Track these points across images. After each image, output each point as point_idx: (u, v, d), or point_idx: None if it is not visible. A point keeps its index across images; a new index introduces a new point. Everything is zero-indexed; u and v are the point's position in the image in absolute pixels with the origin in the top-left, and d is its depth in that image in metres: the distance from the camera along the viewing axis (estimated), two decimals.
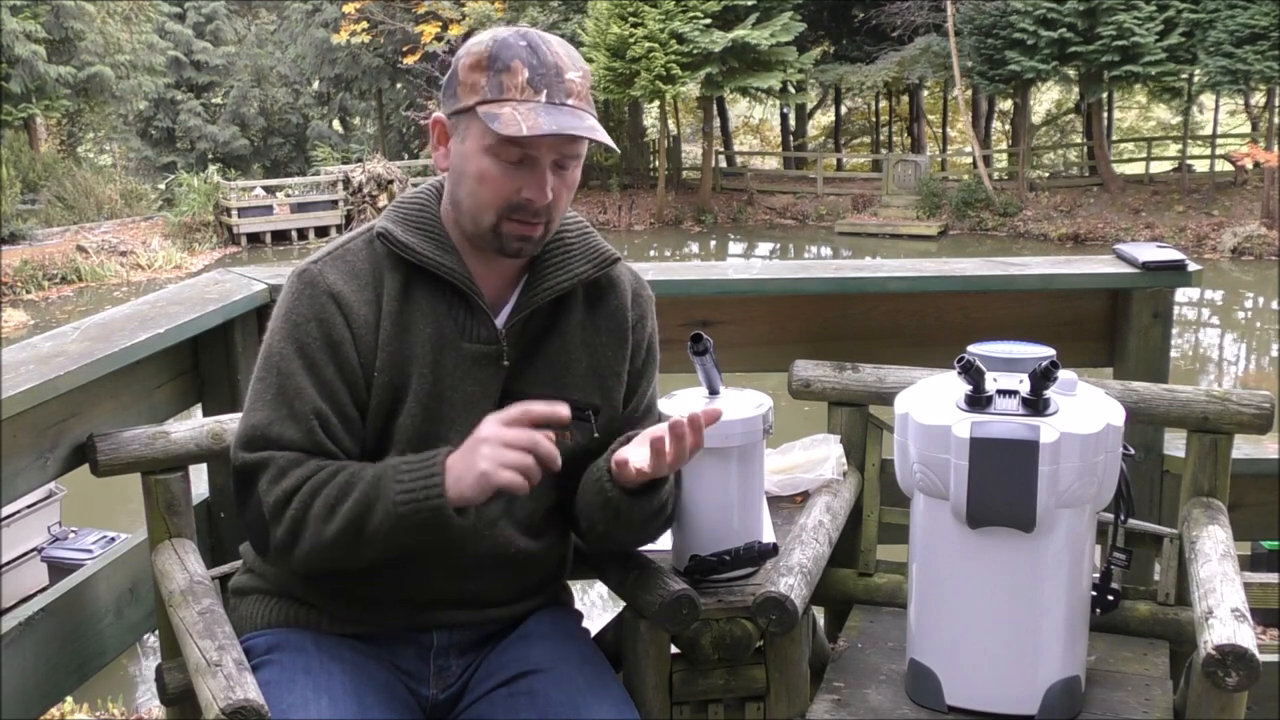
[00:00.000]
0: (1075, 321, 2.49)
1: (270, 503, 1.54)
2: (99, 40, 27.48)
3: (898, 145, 34.62)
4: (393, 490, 1.50)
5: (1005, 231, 25.09)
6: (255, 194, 26.69)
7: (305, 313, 1.59)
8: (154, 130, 33.29)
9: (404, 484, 1.50)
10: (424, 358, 1.61)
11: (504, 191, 1.56)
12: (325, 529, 1.51)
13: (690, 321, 2.37)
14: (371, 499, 1.50)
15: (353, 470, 1.54)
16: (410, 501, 1.49)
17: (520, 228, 1.58)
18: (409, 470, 1.51)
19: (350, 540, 1.51)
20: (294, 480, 1.53)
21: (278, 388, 1.58)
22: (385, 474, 1.52)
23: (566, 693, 1.60)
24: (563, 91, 1.54)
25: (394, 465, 1.53)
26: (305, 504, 1.52)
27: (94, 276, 22.72)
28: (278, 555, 1.57)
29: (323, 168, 29.75)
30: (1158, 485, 2.38)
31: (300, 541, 1.53)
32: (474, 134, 1.56)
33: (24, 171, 25.98)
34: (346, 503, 1.51)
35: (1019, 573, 1.69)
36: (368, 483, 1.52)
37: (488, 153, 1.55)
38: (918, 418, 1.72)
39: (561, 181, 1.58)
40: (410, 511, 1.49)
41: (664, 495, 1.64)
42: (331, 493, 1.52)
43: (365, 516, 1.50)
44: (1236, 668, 1.51)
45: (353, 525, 1.51)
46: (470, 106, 1.55)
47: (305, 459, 1.55)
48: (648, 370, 1.78)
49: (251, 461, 1.56)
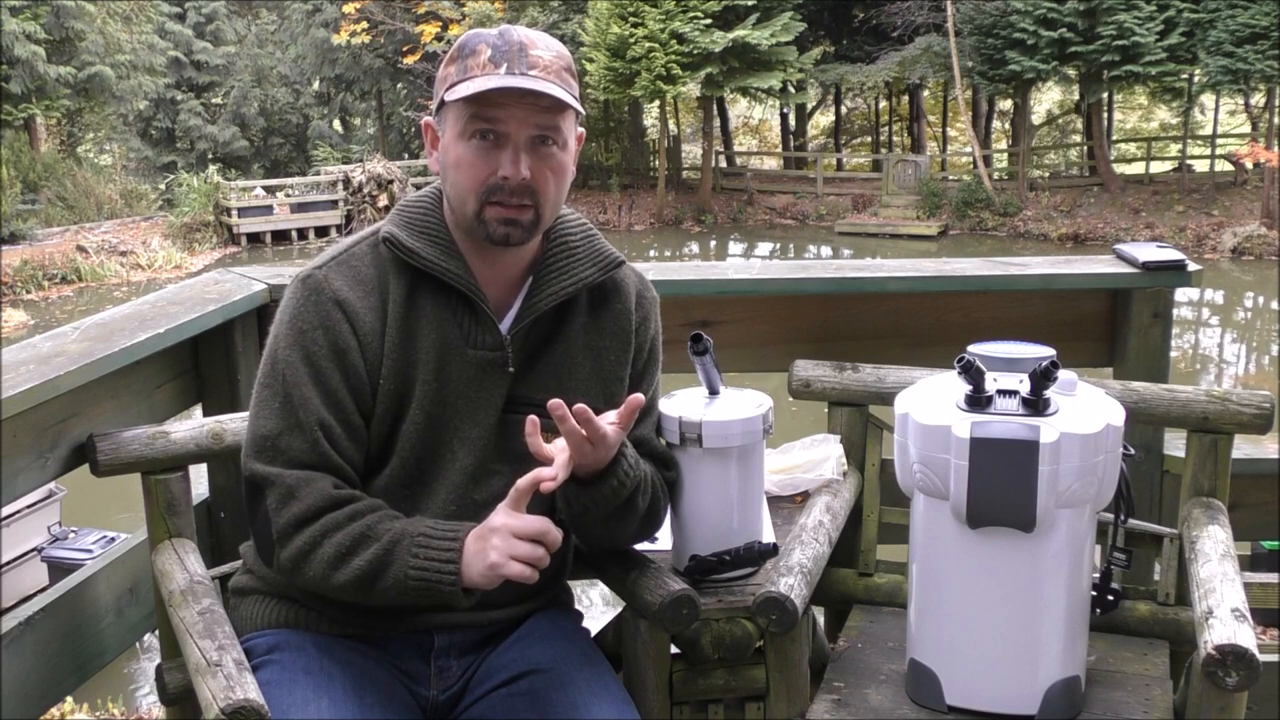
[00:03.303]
0: (1075, 321, 2.49)
1: (280, 524, 1.55)
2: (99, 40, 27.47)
3: (898, 145, 34.61)
4: (407, 562, 1.50)
5: (1005, 231, 25.08)
6: (255, 194, 26.68)
7: (311, 320, 1.59)
8: (154, 130, 33.28)
9: (419, 559, 1.50)
10: (428, 364, 1.61)
11: (481, 174, 1.56)
12: (333, 575, 1.53)
13: (690, 321, 2.37)
14: (385, 563, 1.51)
15: (369, 522, 1.54)
16: (422, 579, 1.50)
17: (502, 210, 1.57)
18: (426, 546, 1.51)
19: (355, 592, 1.54)
20: (303, 508, 1.54)
21: (284, 396, 1.58)
22: (402, 542, 1.52)
23: (566, 693, 1.60)
24: (525, 64, 1.55)
25: (412, 535, 1.52)
26: (314, 541, 1.53)
27: (94, 276, 22.71)
28: (280, 572, 1.59)
29: (323, 168, 29.74)
30: (1158, 485, 2.38)
31: (303, 572, 1.55)
32: (449, 123, 1.58)
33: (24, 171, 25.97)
34: (358, 558, 1.51)
35: (1019, 573, 1.69)
36: (383, 545, 1.52)
37: (461, 138, 1.57)
38: (918, 418, 1.72)
39: (542, 162, 1.57)
40: (420, 587, 1.50)
41: (620, 491, 1.61)
42: (345, 541, 1.52)
43: (375, 578, 1.51)
44: (1236, 668, 1.51)
45: (361, 581, 1.52)
46: (442, 98, 1.58)
47: (313, 478, 1.55)
48: (649, 372, 1.77)
49: (260, 474, 1.57)
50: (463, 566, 1.49)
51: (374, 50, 31.98)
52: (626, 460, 1.60)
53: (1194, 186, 25.53)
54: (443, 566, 1.50)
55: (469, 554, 1.50)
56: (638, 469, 1.64)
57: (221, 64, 33.29)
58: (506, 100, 1.54)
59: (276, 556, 1.56)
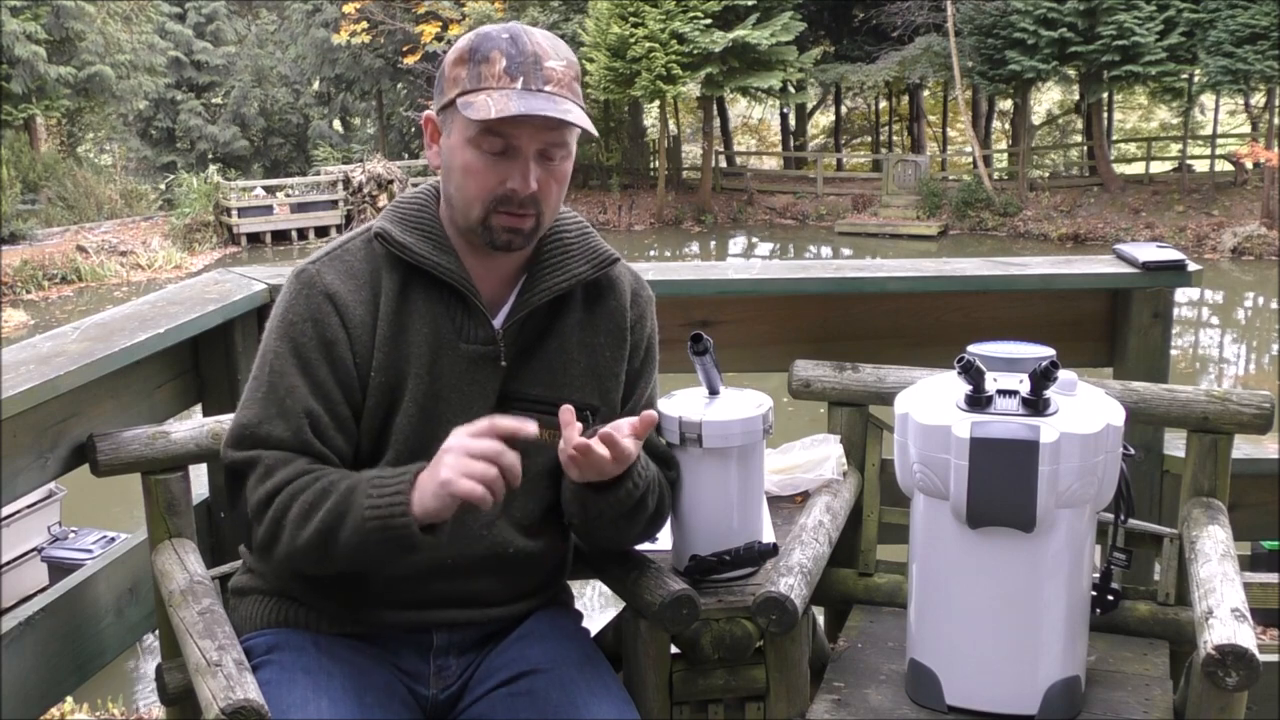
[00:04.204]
0: (1075, 321, 2.49)
1: (254, 502, 1.55)
2: (99, 40, 27.48)
3: (898, 145, 34.60)
4: (362, 504, 1.48)
5: (1005, 231, 25.08)
6: (255, 194, 26.70)
7: (301, 312, 1.59)
8: (154, 130, 33.29)
9: (372, 498, 1.48)
10: (421, 358, 1.61)
11: (488, 183, 1.56)
12: (299, 534, 1.51)
13: (690, 321, 2.37)
14: (343, 510, 1.49)
15: (332, 478, 1.53)
16: (376, 517, 1.47)
17: (509, 219, 1.58)
18: (379, 484, 1.49)
19: (321, 549, 1.51)
20: (277, 481, 1.53)
21: (269, 385, 1.58)
22: (359, 486, 1.50)
23: (566, 693, 1.60)
24: (540, 78, 1.54)
25: (367, 478, 1.51)
26: (284, 507, 1.52)
27: (94, 276, 22.72)
28: (259, 554, 1.59)
29: (323, 168, 29.76)
30: (1158, 485, 2.38)
31: (278, 543, 1.54)
32: (457, 127, 1.57)
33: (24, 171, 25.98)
34: (319, 511, 1.50)
35: (1019, 573, 1.69)
36: (341, 494, 1.50)
37: (470, 144, 1.56)
38: (918, 418, 1.72)
39: (549, 173, 1.58)
40: (377, 528, 1.47)
41: (634, 493, 1.61)
42: (309, 498, 1.52)
43: (336, 528, 1.49)
44: (1236, 668, 1.51)
45: (323, 535, 1.50)
46: (452, 100, 1.57)
47: (292, 458, 1.55)
48: (646, 370, 1.77)
49: (240, 460, 1.57)
50: (417, 496, 1.46)
51: (374, 50, 31.98)
52: (638, 463, 1.61)
53: (1194, 186, 25.53)
54: (393, 499, 1.46)
55: (421, 482, 1.47)
56: (648, 470, 1.65)
57: (221, 64, 33.30)
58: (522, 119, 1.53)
59: (255, 535, 1.56)
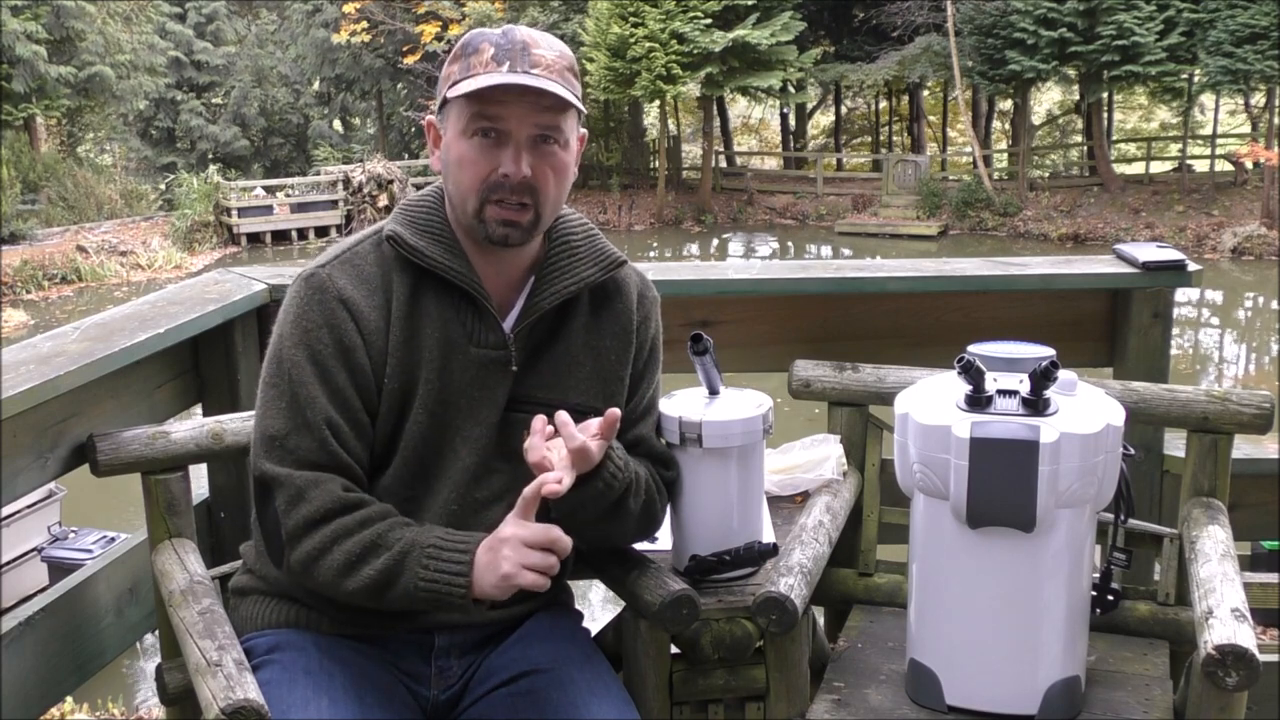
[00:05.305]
0: (1075, 321, 2.49)
1: (289, 526, 1.55)
2: (99, 40, 27.46)
3: (898, 145, 34.60)
4: (417, 574, 1.51)
5: (1005, 231, 25.08)
6: (255, 194, 26.69)
7: (316, 319, 1.59)
8: (154, 130, 33.29)
9: (429, 570, 1.50)
10: (432, 362, 1.61)
11: (481, 170, 1.57)
12: (343, 582, 1.53)
13: (690, 321, 2.37)
14: (395, 573, 1.51)
15: (379, 530, 1.54)
16: (432, 590, 1.50)
17: (502, 210, 1.58)
18: (436, 559, 1.51)
19: (365, 599, 1.54)
20: (313, 510, 1.54)
21: (291, 395, 1.57)
22: (413, 553, 1.51)
23: (567, 693, 1.60)
24: (527, 62, 1.55)
25: (423, 546, 1.52)
26: (324, 547, 1.53)
27: (94, 276, 22.71)
28: (290, 575, 1.59)
29: (323, 168, 29.76)
30: (1158, 485, 2.38)
31: (313, 576, 1.55)
32: (451, 121, 1.59)
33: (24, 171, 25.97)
34: (368, 567, 1.52)
35: (1019, 573, 1.69)
36: (394, 555, 1.52)
37: (463, 135, 1.57)
38: (918, 418, 1.72)
39: (543, 161, 1.58)
40: (430, 598, 1.51)
41: (608, 493, 1.61)
42: (355, 549, 1.52)
43: (385, 586, 1.52)
44: (1236, 668, 1.51)
45: (370, 590, 1.52)
46: (445, 95, 1.58)
47: (322, 479, 1.55)
48: (649, 371, 1.77)
49: (270, 474, 1.56)
50: (474, 578, 1.49)
51: (374, 50, 31.98)
52: (613, 463, 1.60)
53: (1194, 186, 25.53)
54: (453, 580, 1.50)
55: (480, 566, 1.50)
56: (626, 471, 1.63)
57: (222, 64, 33.31)
58: (508, 98, 1.54)
59: (286, 558, 1.56)
